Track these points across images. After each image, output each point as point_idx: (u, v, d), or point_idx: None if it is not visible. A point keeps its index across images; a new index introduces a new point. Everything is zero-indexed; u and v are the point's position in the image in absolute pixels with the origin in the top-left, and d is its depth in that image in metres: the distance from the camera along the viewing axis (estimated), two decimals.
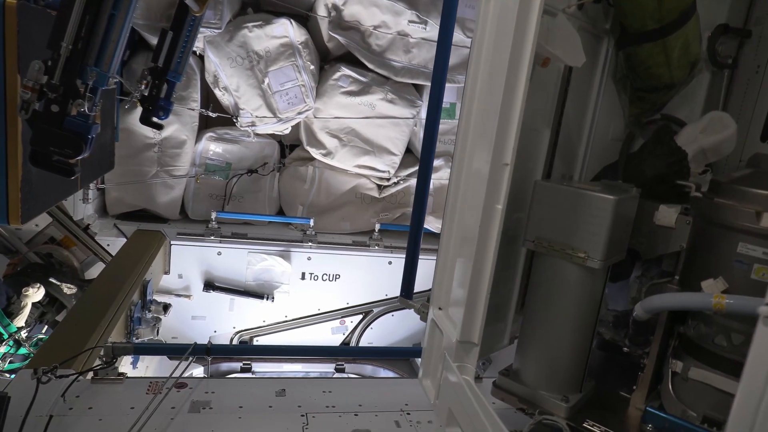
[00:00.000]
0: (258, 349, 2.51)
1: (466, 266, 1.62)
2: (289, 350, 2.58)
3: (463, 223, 1.70)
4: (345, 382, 2.58)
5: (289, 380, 2.51)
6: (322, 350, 2.68)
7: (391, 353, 3.69)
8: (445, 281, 1.85)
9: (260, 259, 4.69)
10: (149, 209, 4.68)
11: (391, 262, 4.96)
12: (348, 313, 5.06)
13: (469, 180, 1.68)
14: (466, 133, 1.71)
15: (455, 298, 1.72)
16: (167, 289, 4.59)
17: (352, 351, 3.91)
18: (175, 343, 4.58)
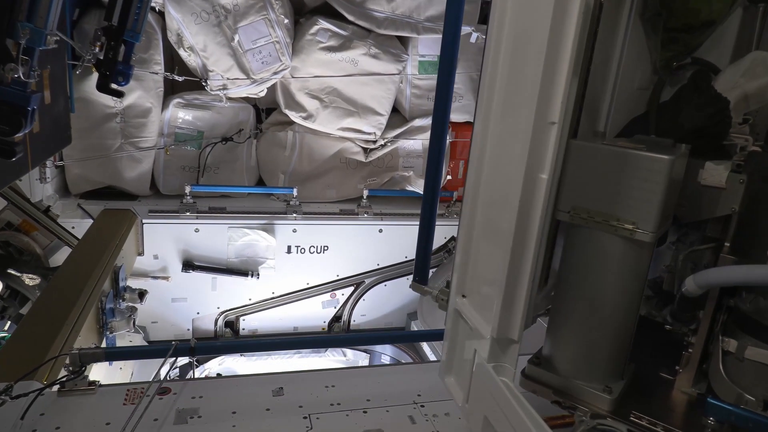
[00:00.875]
0: (250, 344, 2.19)
1: (501, 249, 1.33)
2: (288, 343, 2.27)
3: (494, 197, 1.41)
4: (348, 374, 2.31)
5: (286, 376, 2.24)
6: (327, 340, 2.37)
7: (405, 338, 3.55)
8: (469, 265, 1.57)
9: (242, 234, 4.36)
10: (116, 186, 4.28)
11: (381, 230, 4.68)
12: (339, 286, 4.80)
13: (500, 144, 1.38)
14: (493, 85, 1.40)
15: (486, 285, 1.44)
16: (142, 271, 4.25)
17: (357, 338, 3.62)
18: (152, 343, 4.29)
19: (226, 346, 2.07)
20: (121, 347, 2.01)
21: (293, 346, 2.42)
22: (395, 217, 4.70)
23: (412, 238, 4.90)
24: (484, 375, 1.40)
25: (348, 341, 2.97)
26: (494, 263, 1.39)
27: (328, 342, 2.62)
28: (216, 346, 2.16)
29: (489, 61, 1.41)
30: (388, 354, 4.90)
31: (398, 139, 4.75)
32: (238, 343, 2.20)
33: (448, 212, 4.85)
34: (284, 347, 2.22)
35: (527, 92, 1.25)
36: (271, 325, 4.77)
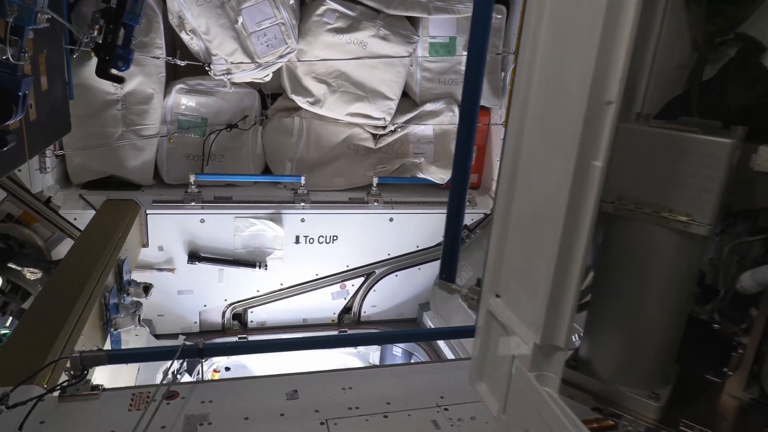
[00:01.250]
0: (261, 345, 2.07)
1: (546, 245, 1.18)
2: (302, 344, 2.13)
3: (537, 188, 1.25)
4: (366, 375, 2.18)
5: (300, 377, 2.11)
6: (343, 339, 2.23)
7: (424, 336, 3.19)
8: (504, 261, 1.42)
9: (249, 225, 4.22)
10: (118, 175, 4.14)
11: (392, 218, 4.53)
12: (348, 277, 4.67)
13: (543, 128, 1.22)
14: (533, 62, 1.24)
15: (526, 285, 1.30)
16: (147, 263, 4.13)
17: (374, 337, 3.45)
18: (159, 337, 4.18)
19: (236, 347, 1.96)
20: (125, 350, 1.89)
21: (307, 347, 2.27)
22: (406, 206, 4.55)
23: (423, 227, 4.80)
24: (524, 385, 1.26)
25: (364, 340, 2.77)
26: (537, 261, 1.24)
27: (343, 341, 2.47)
28: (226, 347, 2.04)
29: (528, 34, 1.25)
30: (401, 347, 4.78)
31: (408, 125, 4.58)
32: (249, 344, 2.07)
33: None
34: (298, 348, 2.07)
35: (579, 68, 1.09)
36: (280, 317, 4.66)
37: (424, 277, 4.83)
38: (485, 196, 4.82)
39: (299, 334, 4.62)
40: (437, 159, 4.68)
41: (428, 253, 4.76)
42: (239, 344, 2.03)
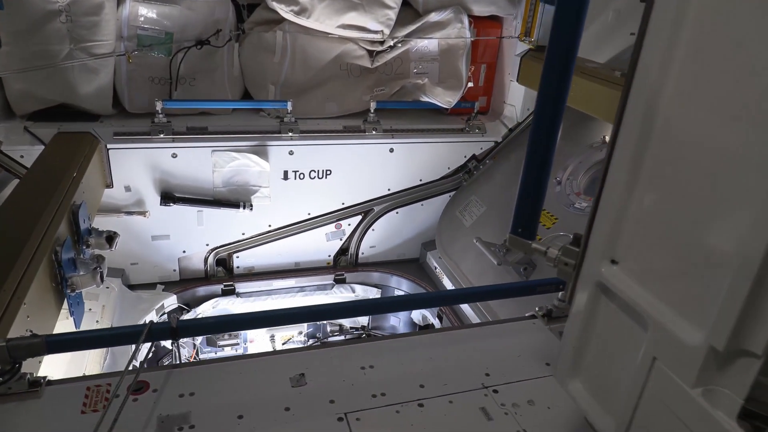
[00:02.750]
0: (251, 318, 1.58)
1: (739, 204, 0.69)
2: (306, 315, 1.62)
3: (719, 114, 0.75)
4: (388, 348, 1.73)
5: (307, 355, 1.66)
6: (350, 307, 1.70)
7: (469, 296, 2.43)
8: (629, 214, 0.93)
9: (229, 159, 3.66)
10: (71, 104, 3.49)
11: (392, 149, 3.99)
12: (344, 215, 4.19)
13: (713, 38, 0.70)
14: None
15: (684, 258, 0.82)
16: (114, 207, 3.58)
17: (391, 303, 2.70)
18: (134, 288, 3.69)
19: (220, 322, 1.47)
20: (70, 334, 1.41)
21: (307, 318, 1.77)
22: (408, 134, 4.00)
23: (427, 158, 4.25)
24: (677, 403, 0.81)
25: (375, 307, 2.18)
26: (718, 226, 0.75)
27: (351, 310, 1.93)
28: (206, 324, 1.55)
29: None
30: (403, 290, 4.39)
31: (410, 39, 3.95)
32: (237, 318, 1.59)
33: (469, 127, 4.14)
34: (298, 320, 1.58)
35: None
36: (270, 262, 4.20)
37: (428, 214, 4.37)
38: (496, 122, 4.27)
39: (291, 280, 4.20)
40: (443, 79, 4.08)
41: (433, 187, 4.27)
42: (225, 318, 1.53)
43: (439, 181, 4.26)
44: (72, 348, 1.48)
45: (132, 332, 1.45)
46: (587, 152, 3.51)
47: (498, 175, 4.10)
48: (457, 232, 4.01)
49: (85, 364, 2.88)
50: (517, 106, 4.13)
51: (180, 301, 3.92)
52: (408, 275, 4.35)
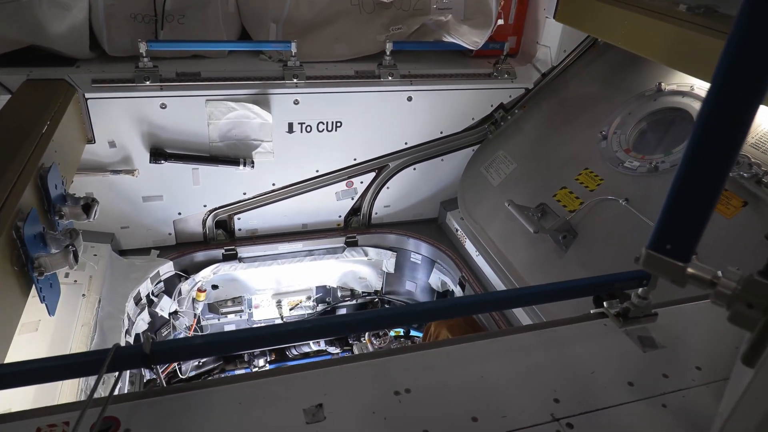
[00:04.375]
0: (243, 338, 1.14)
1: None
2: (314, 328, 1.16)
3: None
4: (426, 362, 1.36)
5: (327, 374, 1.29)
6: (378, 317, 1.21)
7: (561, 293, 1.48)
8: None
9: (226, 110, 3.21)
10: (41, 46, 3.01)
11: (410, 97, 3.52)
12: (356, 172, 3.77)
13: None
14: None
15: None
16: (98, 164, 3.17)
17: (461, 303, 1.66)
18: (125, 254, 3.32)
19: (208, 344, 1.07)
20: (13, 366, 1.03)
21: (326, 333, 1.31)
22: (428, 80, 3.52)
23: (449, 108, 3.76)
24: None
25: (423, 314, 1.50)
26: None
27: (374, 321, 1.35)
28: (190, 346, 1.13)
29: None
30: (421, 254, 4.02)
31: None
32: (231, 338, 1.15)
33: (497, 71, 3.65)
34: (309, 336, 1.15)
35: None
36: (274, 224, 3.82)
37: (449, 170, 3.95)
38: (527, 66, 3.77)
39: (299, 243, 3.84)
40: (469, 16, 3.56)
41: (455, 140, 3.83)
42: (211, 340, 1.11)
43: (461, 133, 3.81)
44: (12, 384, 1.10)
45: (91, 361, 1.08)
46: (638, 102, 3.04)
47: (528, 127, 3.64)
48: (483, 191, 3.59)
49: (69, 348, 2.56)
50: (552, 47, 3.62)
51: (177, 267, 3.57)
52: (427, 238, 3.97)
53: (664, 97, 2.96)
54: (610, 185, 2.86)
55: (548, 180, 3.18)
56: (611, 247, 2.70)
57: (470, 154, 3.88)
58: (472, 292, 3.54)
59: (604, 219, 2.79)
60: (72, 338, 2.61)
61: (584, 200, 2.91)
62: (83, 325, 2.71)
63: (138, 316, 3.29)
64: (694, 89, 2.83)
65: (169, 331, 3.64)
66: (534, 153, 3.46)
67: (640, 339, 1.50)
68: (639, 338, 1.51)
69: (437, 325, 3.50)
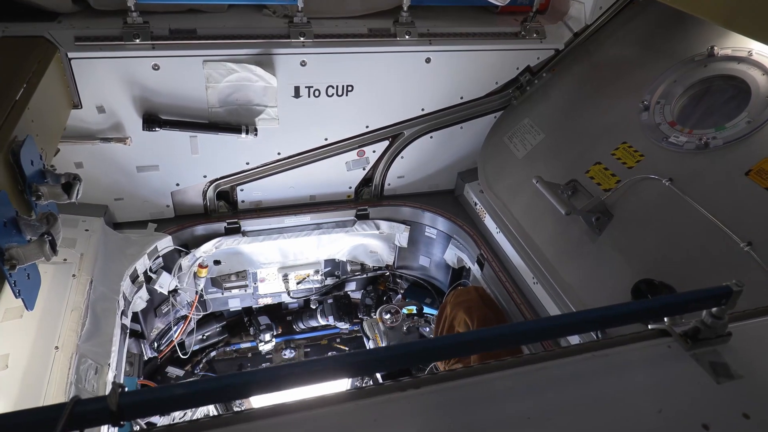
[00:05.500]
0: (223, 387, 0.90)
1: None
2: (319, 369, 0.93)
3: None
4: (461, 394, 1.12)
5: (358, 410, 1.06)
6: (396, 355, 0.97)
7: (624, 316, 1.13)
8: None
9: (225, 72, 2.91)
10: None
11: (428, 59, 3.19)
12: (368, 140, 3.49)
13: None
14: None
15: None
16: (86, 132, 2.90)
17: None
18: (119, 228, 3.07)
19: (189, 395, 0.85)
20: None
21: (328, 375, 0.99)
22: (449, 39, 3.18)
23: (471, 70, 3.30)
24: None
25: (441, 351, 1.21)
26: None
27: (397, 358, 1.09)
28: (165, 398, 0.89)
29: None
30: (436, 228, 3.77)
31: None
32: (210, 386, 0.91)
33: (525, 30, 3.29)
34: (310, 379, 0.88)
35: None
36: (280, 195, 3.57)
37: (468, 138, 3.65)
38: (557, 24, 3.40)
39: (306, 216, 3.59)
40: None
41: (476, 106, 3.52)
42: (192, 390, 0.85)
43: (483, 98, 3.49)
44: None
45: (39, 421, 0.84)
46: (685, 68, 2.71)
47: (557, 94, 3.31)
48: (506, 163, 3.30)
49: (57, 336, 2.36)
50: (587, 3, 3.25)
51: (176, 242, 3.34)
52: (443, 212, 3.71)
53: (716, 63, 2.62)
54: (651, 162, 2.57)
55: (580, 154, 2.89)
56: (651, 232, 2.42)
57: (492, 122, 3.57)
58: (491, 271, 3.31)
59: (644, 200, 2.50)
60: (61, 325, 2.41)
61: (621, 178, 2.62)
62: (73, 309, 2.51)
63: (135, 294, 3.09)
64: (752, 54, 2.49)
65: (169, 308, 3.45)
66: (564, 122, 3.15)
67: (712, 366, 1.26)
68: (711, 365, 1.26)
69: (454, 305, 3.28)
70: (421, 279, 4.11)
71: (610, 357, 1.27)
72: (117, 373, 2.60)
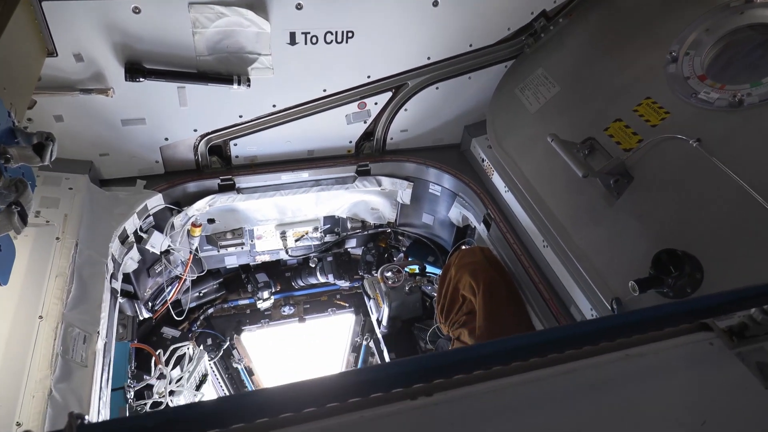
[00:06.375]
0: (208, 414, 0.76)
1: None
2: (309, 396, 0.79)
3: None
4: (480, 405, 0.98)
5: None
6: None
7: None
8: None
9: (214, 16, 2.65)
10: None
11: (436, 2, 2.92)
12: (370, 92, 3.26)
13: None
14: None
15: None
16: (65, 82, 2.67)
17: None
18: (105, 185, 2.87)
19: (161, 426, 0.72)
20: None
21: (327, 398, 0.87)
22: None
23: (481, 15, 2.96)
24: None
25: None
26: None
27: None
28: (133, 428, 0.75)
29: None
30: (441, 185, 3.59)
31: None
32: (187, 415, 0.78)
33: None
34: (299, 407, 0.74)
35: None
36: (276, 150, 3.37)
37: (477, 90, 3.42)
38: None
39: (304, 172, 3.42)
40: None
41: (486, 54, 3.26)
42: (168, 417, 0.71)
43: (494, 46, 3.23)
44: None
45: None
46: (720, 15, 2.45)
47: (574, 42, 3.06)
48: (517, 117, 3.09)
49: (41, 304, 2.23)
50: None
51: (167, 200, 3.18)
52: (448, 168, 3.52)
53: (754, 11, 2.36)
54: (678, 120, 2.36)
55: (599, 109, 2.67)
56: (675, 197, 2.25)
57: (503, 72, 3.32)
58: (497, 232, 3.16)
59: (668, 162, 2.32)
60: (44, 292, 2.27)
61: (643, 137, 2.43)
62: (58, 275, 2.36)
63: (126, 255, 2.95)
64: None
65: (162, 268, 3.32)
66: (581, 74, 2.91)
67: (759, 368, 1.12)
68: (758, 366, 1.12)
69: (459, 267, 3.15)
70: (423, 237, 3.97)
71: (646, 357, 1.13)
72: (107, 340, 2.49)
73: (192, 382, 3.31)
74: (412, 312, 3.71)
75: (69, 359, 2.17)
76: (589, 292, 2.45)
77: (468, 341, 2.93)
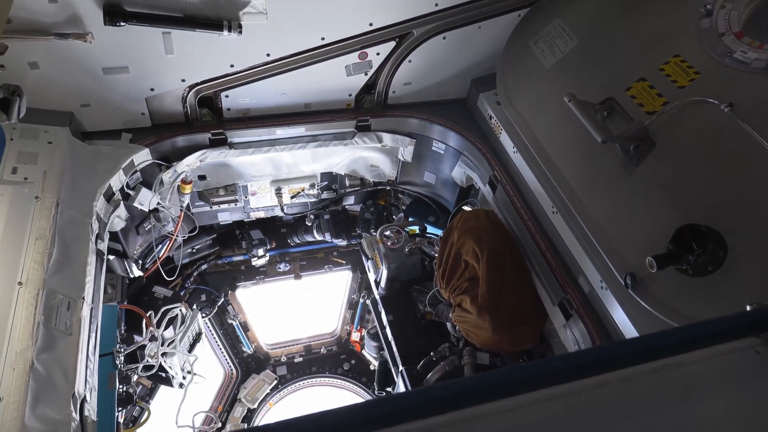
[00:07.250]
0: None
1: None
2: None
3: None
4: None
5: None
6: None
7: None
8: None
9: None
10: None
11: None
12: (372, 41, 3.03)
13: None
14: None
15: None
16: (38, 26, 2.43)
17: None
18: (89, 137, 2.66)
19: None
20: None
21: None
22: None
23: None
24: None
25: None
26: None
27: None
28: None
29: None
30: (445, 143, 3.40)
31: None
32: None
33: None
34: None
35: None
36: (271, 103, 3.16)
37: (486, 40, 3.18)
38: None
39: (301, 127, 3.23)
40: None
41: (498, 2, 3.02)
42: None
43: None
44: None
45: None
46: None
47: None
48: (530, 72, 2.88)
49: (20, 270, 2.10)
50: None
51: (155, 155, 2.99)
52: (453, 125, 3.32)
53: None
54: (708, 82, 2.16)
55: (621, 67, 2.47)
56: (701, 167, 2.09)
57: (516, 22, 3.08)
58: (504, 195, 3.00)
59: (695, 128, 2.14)
60: (23, 257, 2.14)
61: (669, 100, 2.24)
62: (38, 238, 2.22)
63: (112, 214, 2.79)
64: None
65: (152, 226, 3.18)
66: (603, 26, 2.68)
67: None
68: None
69: (462, 231, 3.01)
70: (425, 196, 3.82)
71: (685, 368, 1.00)
72: (94, 305, 2.37)
73: (185, 343, 3.23)
74: (412, 273, 3.60)
75: (52, 327, 2.06)
76: (600, 263, 2.32)
77: (470, 309, 2.83)
